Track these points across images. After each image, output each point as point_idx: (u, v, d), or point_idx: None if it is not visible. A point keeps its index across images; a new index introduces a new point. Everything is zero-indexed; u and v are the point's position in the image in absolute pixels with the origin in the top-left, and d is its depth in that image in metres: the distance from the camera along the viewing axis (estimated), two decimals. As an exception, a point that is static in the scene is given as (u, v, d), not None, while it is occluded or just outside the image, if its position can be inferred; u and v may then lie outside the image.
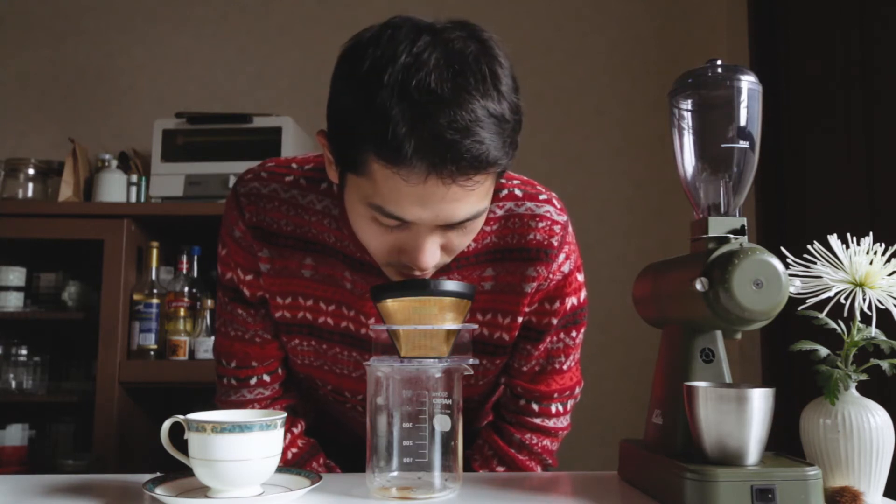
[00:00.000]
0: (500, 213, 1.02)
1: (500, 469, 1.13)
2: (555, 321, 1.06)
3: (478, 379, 1.10)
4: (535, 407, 1.12)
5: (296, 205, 1.02)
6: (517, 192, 1.03)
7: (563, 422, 1.15)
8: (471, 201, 0.84)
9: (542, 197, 1.04)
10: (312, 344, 1.07)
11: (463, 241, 0.91)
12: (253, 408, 1.11)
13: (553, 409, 1.13)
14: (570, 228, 1.06)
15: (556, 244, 1.02)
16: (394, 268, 0.92)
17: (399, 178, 0.81)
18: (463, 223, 0.87)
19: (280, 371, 1.13)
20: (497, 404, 1.20)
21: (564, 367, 1.11)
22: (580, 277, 1.09)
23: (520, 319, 1.05)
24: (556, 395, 1.12)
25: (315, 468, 1.11)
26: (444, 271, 1.01)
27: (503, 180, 1.03)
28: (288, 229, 1.02)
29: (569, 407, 1.16)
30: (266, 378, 1.11)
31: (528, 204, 1.02)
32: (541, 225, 1.01)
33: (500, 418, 1.17)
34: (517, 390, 1.12)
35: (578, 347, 1.12)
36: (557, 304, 1.05)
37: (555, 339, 1.09)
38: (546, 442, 1.14)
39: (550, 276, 1.03)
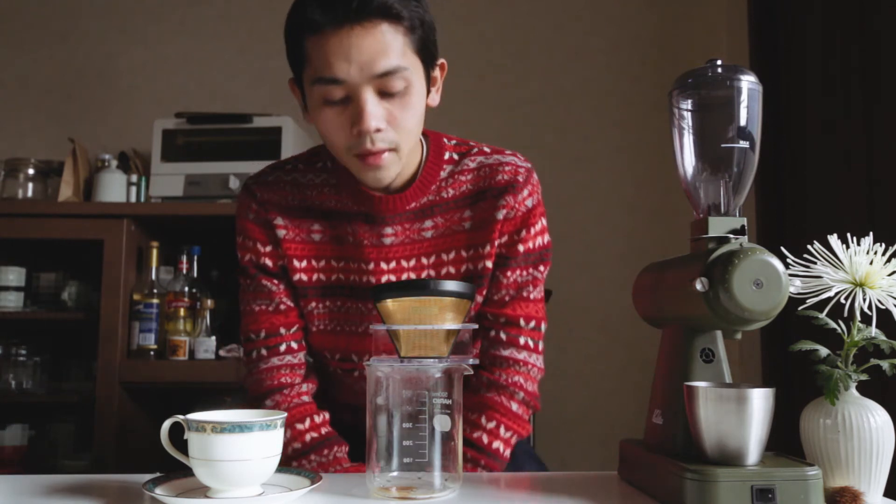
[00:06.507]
0: (472, 165, 1.20)
1: (472, 416, 1.15)
2: (521, 248, 1.19)
3: (469, 316, 1.15)
4: (504, 336, 1.19)
5: (298, 184, 1.20)
6: (486, 149, 1.23)
7: (534, 358, 1.21)
8: (389, 54, 1.02)
9: (507, 152, 1.23)
10: (327, 305, 1.20)
11: (404, 115, 1.07)
12: (282, 375, 1.19)
13: (521, 341, 1.20)
14: (535, 176, 1.22)
15: (521, 180, 1.19)
16: (353, 152, 1.08)
17: (321, 41, 1.02)
18: (392, 81, 1.03)
19: (304, 342, 1.23)
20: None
21: (531, 297, 1.21)
22: (544, 222, 1.23)
23: (496, 243, 1.18)
24: (522, 322, 1.20)
25: (334, 455, 1.13)
26: (428, 216, 1.17)
27: (472, 145, 1.22)
28: (294, 203, 1.19)
29: (539, 347, 1.22)
30: (294, 345, 1.21)
31: (496, 156, 1.21)
32: (507, 168, 1.19)
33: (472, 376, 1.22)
34: (488, 318, 1.21)
35: (543, 282, 1.24)
36: (524, 233, 1.19)
37: (524, 273, 1.20)
38: (518, 378, 1.18)
39: (517, 205, 1.18)
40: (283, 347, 1.20)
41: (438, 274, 1.19)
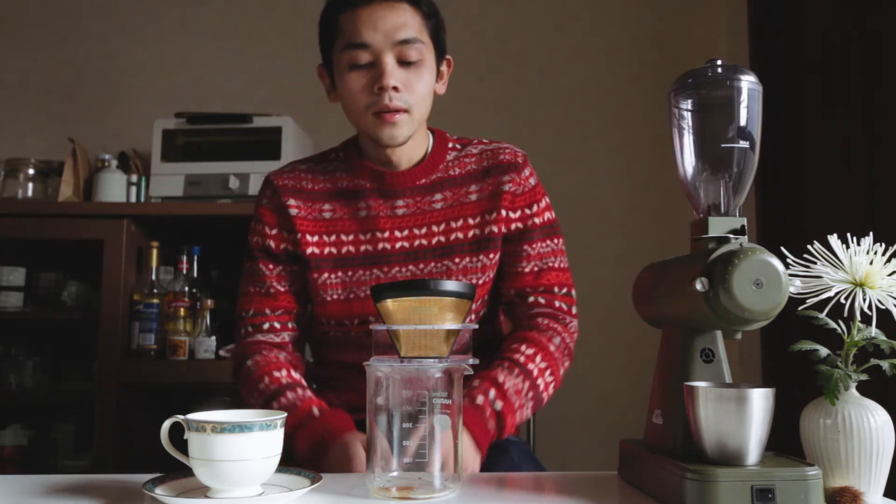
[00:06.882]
0: (475, 151, 1.35)
1: (512, 345, 1.25)
2: (538, 221, 1.33)
3: (479, 277, 1.29)
4: (542, 300, 1.32)
5: (312, 171, 1.34)
6: (484, 140, 1.38)
7: (569, 319, 1.33)
8: (408, 27, 1.21)
9: (504, 142, 1.37)
10: (338, 275, 1.29)
11: (418, 82, 1.23)
12: (262, 346, 1.28)
13: (557, 304, 1.32)
14: (530, 163, 1.35)
15: (520, 160, 1.34)
16: (372, 110, 1.22)
17: (352, 15, 1.21)
18: (409, 50, 1.20)
19: (290, 325, 1.33)
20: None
21: (556, 265, 1.34)
22: (548, 200, 1.36)
23: (503, 213, 1.30)
24: (556, 289, 1.33)
25: (308, 396, 1.19)
26: (437, 190, 1.30)
27: (472, 138, 1.36)
28: (308, 187, 1.33)
29: (573, 311, 1.35)
30: (277, 325, 1.31)
31: (495, 144, 1.36)
32: (507, 150, 1.35)
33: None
34: (526, 290, 1.33)
35: (564, 254, 1.37)
36: (535, 207, 1.33)
37: (542, 245, 1.33)
38: (557, 326, 1.30)
39: (522, 181, 1.32)
40: (266, 326, 1.31)
41: (448, 239, 1.29)
